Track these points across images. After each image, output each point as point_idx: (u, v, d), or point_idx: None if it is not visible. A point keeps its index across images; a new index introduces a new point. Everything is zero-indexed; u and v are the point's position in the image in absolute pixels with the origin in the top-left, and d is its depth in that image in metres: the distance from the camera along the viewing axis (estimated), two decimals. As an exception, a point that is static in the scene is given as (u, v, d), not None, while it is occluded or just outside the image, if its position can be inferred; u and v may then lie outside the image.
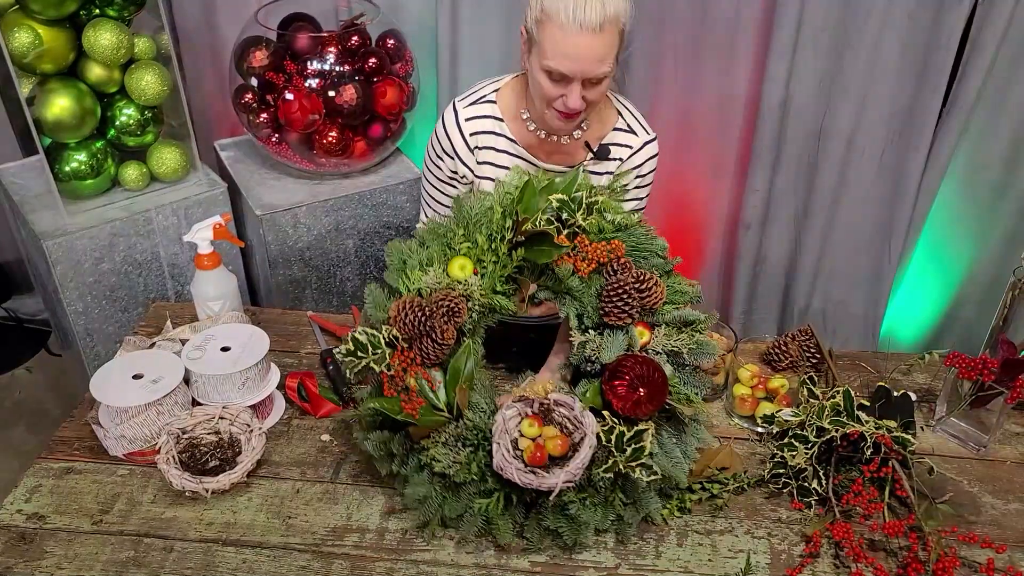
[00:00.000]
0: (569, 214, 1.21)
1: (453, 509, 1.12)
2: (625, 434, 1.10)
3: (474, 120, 1.41)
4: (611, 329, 1.18)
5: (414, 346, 1.14)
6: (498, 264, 1.19)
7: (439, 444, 1.12)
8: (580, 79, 1.24)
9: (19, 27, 1.59)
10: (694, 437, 1.18)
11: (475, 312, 1.18)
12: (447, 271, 1.19)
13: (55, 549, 1.12)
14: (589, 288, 1.20)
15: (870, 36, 1.92)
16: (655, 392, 1.12)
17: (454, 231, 1.22)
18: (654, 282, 1.18)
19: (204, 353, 1.32)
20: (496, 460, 1.08)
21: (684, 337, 1.18)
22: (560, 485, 1.06)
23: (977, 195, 2.13)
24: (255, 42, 1.86)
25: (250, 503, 1.20)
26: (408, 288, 1.18)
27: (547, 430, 1.13)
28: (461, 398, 1.14)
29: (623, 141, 1.42)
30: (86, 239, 1.75)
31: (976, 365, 1.22)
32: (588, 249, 1.20)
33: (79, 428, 1.32)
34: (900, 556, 1.12)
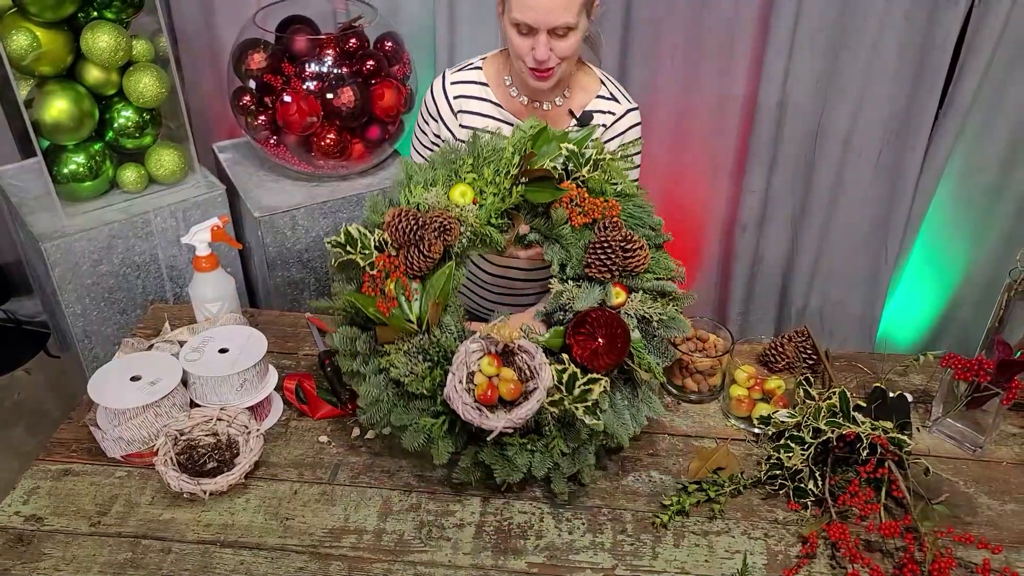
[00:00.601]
0: (575, 166, 1.25)
1: (400, 418, 1.15)
2: (578, 377, 1.12)
3: (459, 84, 1.47)
4: (590, 282, 1.21)
5: (401, 254, 1.18)
6: (498, 196, 1.23)
7: (401, 352, 1.15)
8: (545, 29, 1.29)
9: (17, 29, 1.60)
10: (647, 405, 1.21)
11: (466, 237, 1.21)
12: (448, 194, 1.23)
13: (53, 551, 1.13)
14: (578, 240, 1.24)
15: (867, 37, 1.93)
16: (614, 346, 1.13)
17: (464, 160, 1.26)
18: (640, 245, 1.21)
19: (202, 355, 1.32)
20: (447, 389, 1.11)
21: (658, 306, 1.21)
22: (499, 429, 1.09)
23: (973, 196, 2.13)
24: (253, 44, 1.86)
25: (248, 504, 1.20)
26: (408, 201, 1.23)
27: (505, 372, 1.14)
28: (432, 312, 1.16)
29: (605, 108, 1.46)
30: (84, 241, 1.75)
31: (972, 366, 1.23)
32: (586, 202, 1.24)
33: (77, 430, 1.32)
34: (896, 557, 1.13)
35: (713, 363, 1.37)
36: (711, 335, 1.44)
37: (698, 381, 1.39)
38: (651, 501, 1.22)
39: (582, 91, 1.46)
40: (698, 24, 1.99)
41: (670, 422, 1.36)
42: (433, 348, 1.16)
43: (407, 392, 1.15)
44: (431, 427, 1.13)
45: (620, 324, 1.15)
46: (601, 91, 1.47)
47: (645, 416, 1.21)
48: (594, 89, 1.47)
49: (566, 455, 1.15)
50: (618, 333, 1.14)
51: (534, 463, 1.13)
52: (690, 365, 1.38)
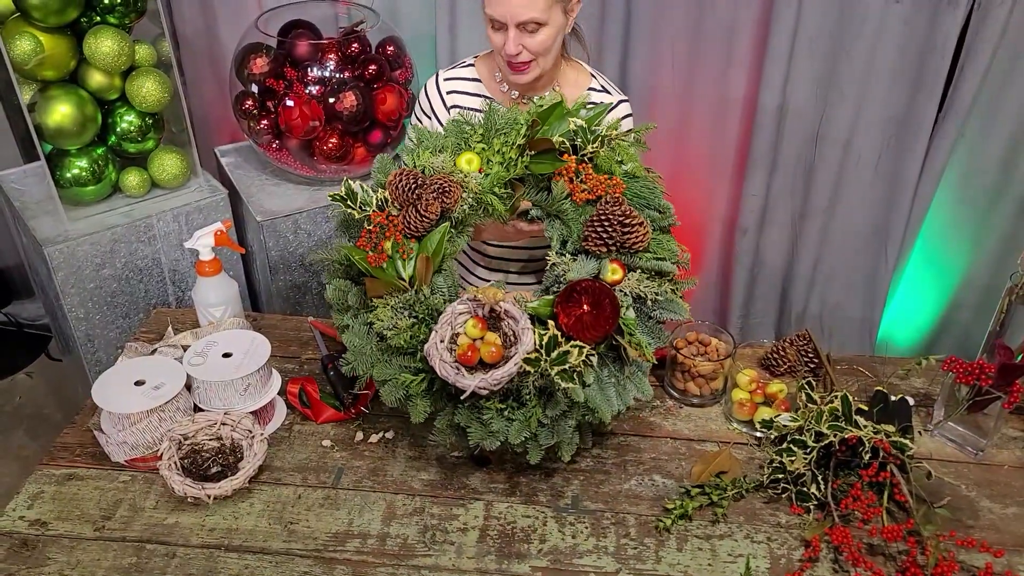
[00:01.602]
0: (583, 141, 1.25)
1: (382, 372, 1.15)
2: (559, 342, 1.11)
3: (452, 80, 1.51)
4: (587, 256, 1.21)
5: (401, 213, 1.19)
6: (503, 166, 1.24)
7: (388, 307, 1.15)
8: (513, 24, 1.31)
9: (20, 34, 1.60)
10: (634, 385, 1.19)
11: (467, 204, 1.22)
12: (455, 161, 1.24)
13: (58, 556, 1.13)
14: (580, 217, 1.23)
15: (866, 41, 1.94)
16: (600, 316, 1.11)
17: (475, 130, 1.27)
18: (639, 222, 1.19)
19: (206, 359, 1.32)
20: (428, 345, 1.11)
21: (654, 285, 1.19)
22: (472, 388, 1.08)
23: (973, 199, 2.14)
24: (255, 49, 1.87)
25: (252, 509, 1.20)
26: (415, 164, 1.24)
27: (489, 335, 1.14)
28: (422, 267, 1.16)
29: (596, 99, 1.47)
30: (87, 245, 1.76)
31: (974, 370, 1.23)
32: (590, 179, 1.23)
33: (81, 434, 1.32)
34: (899, 560, 1.13)
35: (715, 367, 1.38)
36: (713, 339, 1.44)
37: (700, 385, 1.39)
38: (654, 505, 1.22)
39: (573, 85, 1.49)
40: (698, 28, 2.00)
41: (672, 426, 1.37)
42: (420, 306, 1.16)
43: (391, 347, 1.15)
44: (410, 383, 1.13)
45: (609, 295, 1.13)
46: (592, 83, 1.49)
47: (632, 396, 1.19)
48: (584, 83, 1.49)
49: (544, 426, 1.13)
50: (605, 303, 1.12)
51: (511, 430, 1.12)
52: (692, 369, 1.39)
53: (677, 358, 1.39)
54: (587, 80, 1.50)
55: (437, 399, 1.15)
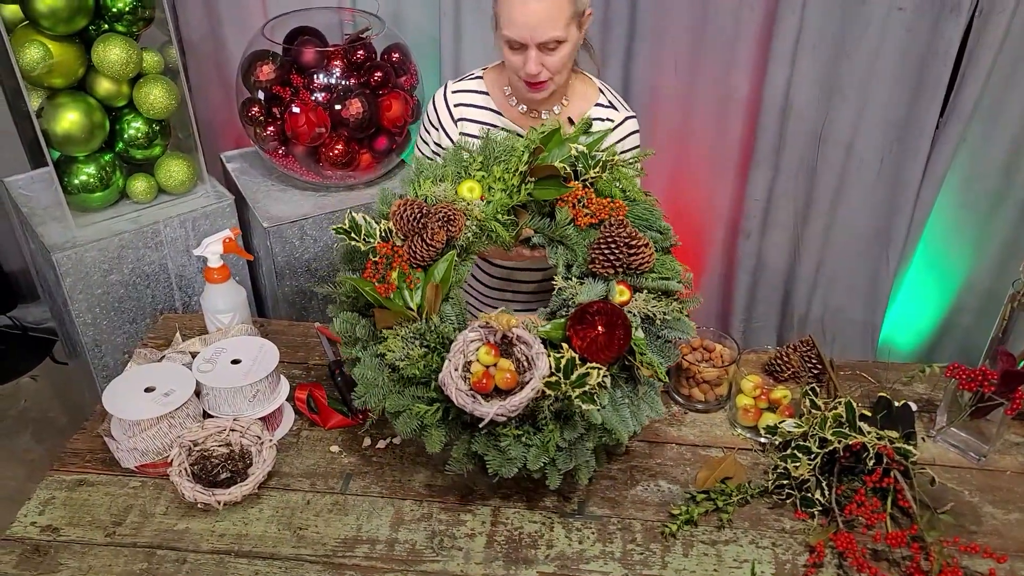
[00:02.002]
0: (584, 167, 1.27)
1: (395, 404, 1.14)
2: (576, 364, 1.11)
3: (460, 93, 1.51)
4: (593, 278, 1.22)
5: (406, 244, 1.19)
6: (505, 193, 1.25)
7: (398, 337, 1.15)
8: (533, 45, 1.31)
9: (29, 42, 1.61)
10: (648, 405, 1.19)
11: (471, 231, 1.23)
12: (456, 189, 1.25)
13: (69, 561, 1.14)
14: (583, 241, 1.24)
15: (869, 46, 1.95)
16: (614, 336, 1.12)
17: (475, 158, 1.28)
18: (644, 243, 1.21)
19: (215, 366, 1.33)
20: (442, 375, 1.10)
21: (662, 305, 1.20)
22: (491, 415, 1.07)
23: (975, 204, 2.15)
24: (262, 56, 1.88)
25: (261, 514, 1.21)
26: (416, 194, 1.25)
27: (502, 362, 1.14)
28: (431, 295, 1.16)
29: (604, 116, 1.48)
30: (95, 251, 1.77)
31: (976, 376, 1.24)
32: (593, 203, 1.25)
33: (91, 440, 1.33)
34: (903, 566, 1.14)
35: (720, 373, 1.39)
36: (717, 345, 1.45)
37: (704, 391, 1.40)
38: (660, 510, 1.23)
39: (581, 99, 1.49)
40: (701, 31, 2.01)
41: (677, 432, 1.38)
42: (431, 334, 1.15)
43: (403, 378, 1.15)
44: (424, 414, 1.12)
45: (621, 315, 1.14)
46: (599, 99, 1.49)
47: (646, 416, 1.19)
48: (592, 97, 1.49)
49: (562, 450, 1.13)
50: (618, 323, 1.13)
51: (529, 457, 1.11)
52: (697, 375, 1.40)
53: (682, 364, 1.40)
54: (595, 95, 1.50)
55: (452, 428, 1.14)
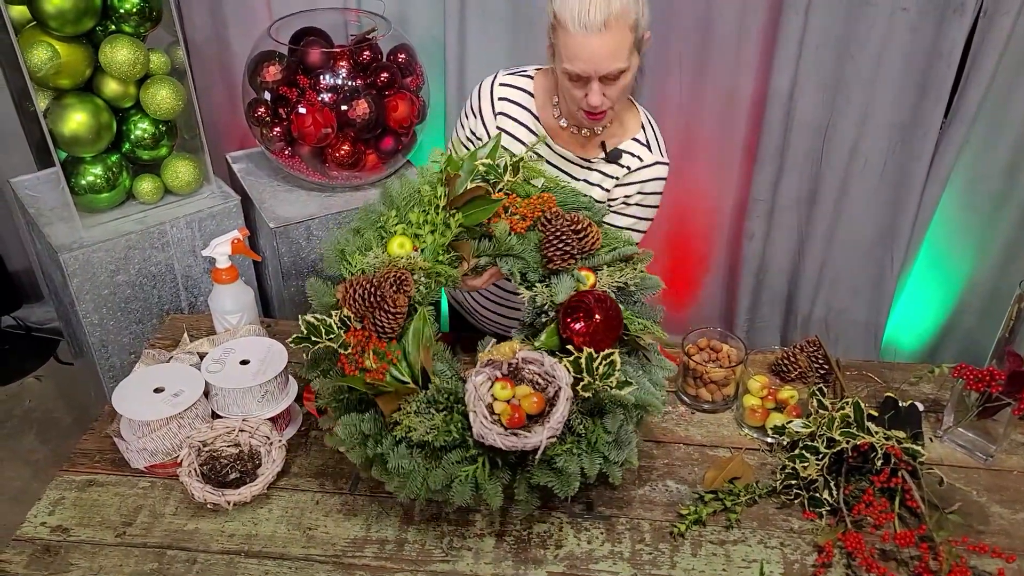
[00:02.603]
0: (496, 176, 1.27)
1: (437, 480, 1.09)
2: (594, 357, 1.10)
3: (507, 87, 1.47)
4: (557, 275, 1.22)
5: (366, 323, 1.14)
6: (436, 233, 1.22)
7: (411, 414, 1.11)
8: (596, 77, 1.28)
9: (37, 43, 1.61)
10: (659, 367, 1.20)
11: (422, 284, 1.20)
12: (387, 251, 1.21)
13: (80, 561, 1.14)
14: (528, 244, 1.23)
15: (873, 48, 1.95)
16: (611, 318, 1.13)
17: (386, 215, 1.24)
18: (588, 223, 1.22)
19: (224, 366, 1.34)
20: (476, 429, 1.07)
21: (628, 271, 1.22)
22: (544, 442, 1.06)
23: (978, 205, 2.15)
24: (268, 57, 1.88)
25: (271, 515, 1.22)
26: (351, 272, 1.20)
27: (520, 389, 1.12)
28: (425, 357, 1.13)
29: (636, 152, 1.45)
30: (102, 252, 1.77)
31: (984, 377, 1.25)
32: (520, 206, 1.24)
33: (100, 440, 1.34)
34: (911, 565, 1.14)
35: (727, 373, 1.39)
36: (724, 345, 1.46)
37: (712, 391, 1.41)
38: (668, 510, 1.23)
39: (621, 127, 1.45)
40: (705, 34, 2.01)
41: (684, 432, 1.38)
42: (440, 396, 1.13)
43: (435, 450, 1.11)
44: (474, 473, 1.09)
45: (606, 296, 1.15)
46: (638, 134, 1.45)
47: (662, 377, 1.20)
48: (632, 130, 1.45)
49: (610, 443, 1.11)
50: (609, 305, 1.14)
51: (585, 465, 1.09)
52: (704, 375, 1.40)
53: (689, 364, 1.41)
54: (636, 128, 1.45)
55: (503, 474, 1.11)
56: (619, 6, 1.24)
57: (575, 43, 1.25)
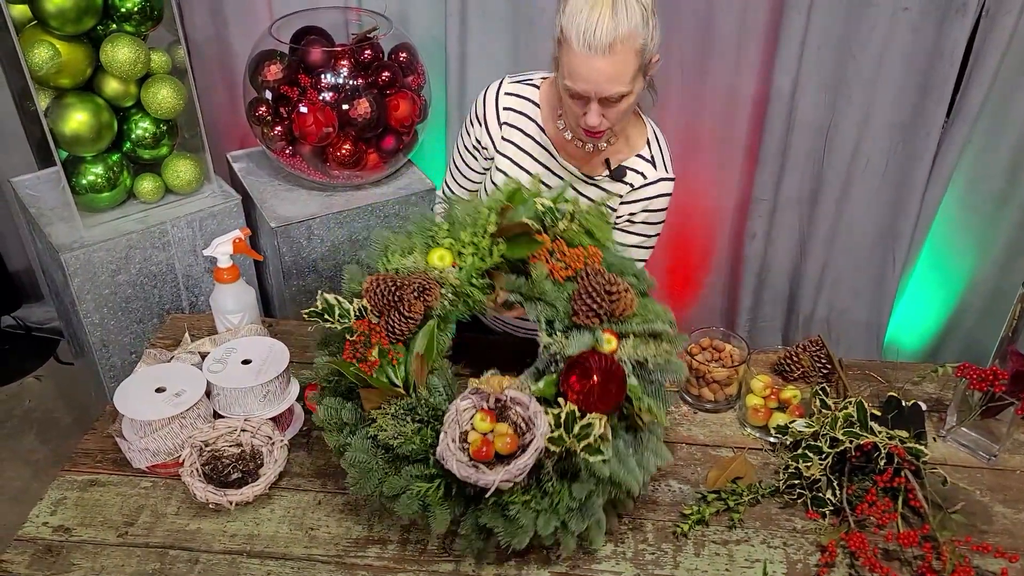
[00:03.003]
0: (552, 220, 1.24)
1: (393, 487, 1.09)
2: (577, 417, 1.07)
3: (512, 97, 1.44)
4: (580, 330, 1.18)
5: (382, 320, 1.15)
6: (477, 256, 1.21)
7: (388, 416, 1.11)
8: (596, 99, 1.25)
9: (38, 42, 1.61)
10: (653, 453, 1.14)
11: (447, 299, 1.19)
12: (427, 259, 1.22)
13: (82, 561, 1.14)
14: (561, 294, 1.20)
15: (875, 48, 1.95)
16: (610, 383, 1.08)
17: (440, 227, 1.25)
18: (624, 288, 1.18)
19: (225, 366, 1.34)
20: (440, 448, 1.06)
21: (651, 348, 1.17)
22: (496, 483, 1.03)
23: (980, 205, 2.15)
24: (269, 56, 1.88)
25: (272, 515, 1.21)
26: (386, 268, 1.21)
27: (499, 427, 1.10)
28: (417, 367, 1.12)
29: (640, 168, 1.42)
30: (103, 251, 1.77)
31: (987, 376, 1.25)
32: (565, 254, 1.22)
33: (101, 440, 1.33)
34: (914, 565, 1.14)
35: (729, 373, 1.39)
36: (727, 344, 1.46)
37: (714, 391, 1.41)
38: (671, 511, 1.23)
39: (627, 144, 1.42)
40: (707, 34, 2.01)
41: (687, 431, 1.38)
42: (422, 408, 1.12)
43: (398, 457, 1.10)
44: (426, 491, 1.07)
45: (613, 363, 1.11)
46: (643, 151, 1.42)
47: (653, 465, 1.14)
48: (637, 146, 1.42)
49: (573, 510, 1.08)
50: (613, 370, 1.09)
51: (539, 522, 1.06)
52: (707, 375, 1.40)
53: (691, 364, 1.40)
54: (641, 144, 1.42)
55: (456, 503, 1.09)
56: (627, 29, 1.20)
57: (577, 62, 1.22)
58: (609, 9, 1.19)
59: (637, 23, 1.21)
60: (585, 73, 1.23)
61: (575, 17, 1.20)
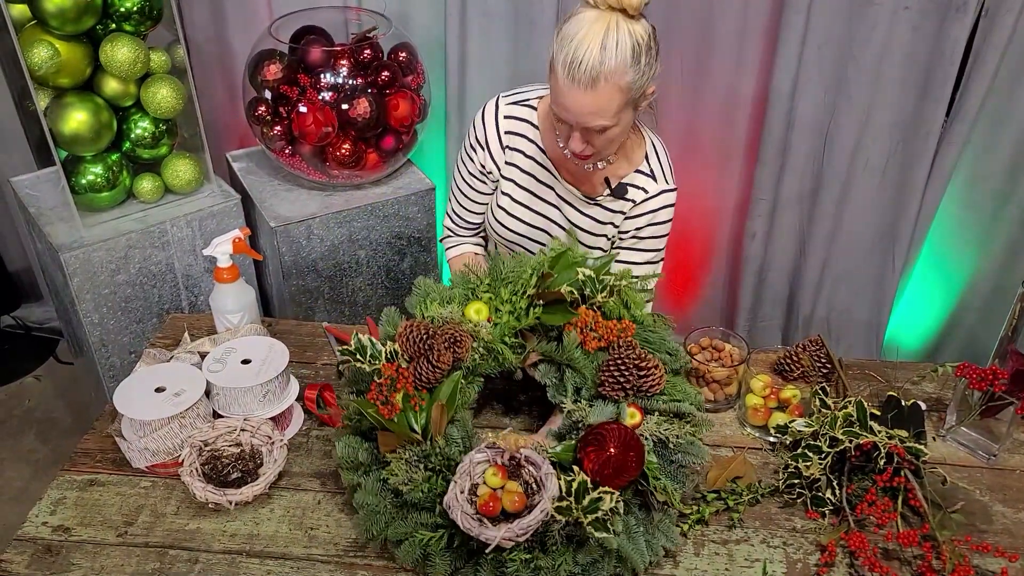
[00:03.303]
0: (592, 291, 1.24)
1: (397, 532, 1.09)
2: (588, 489, 1.06)
3: (511, 120, 1.42)
4: (603, 400, 1.18)
5: (411, 365, 1.17)
6: (513, 315, 1.23)
7: (402, 460, 1.11)
8: (578, 128, 1.24)
9: (37, 42, 1.61)
10: (663, 534, 1.13)
11: (478, 354, 1.20)
12: (463, 311, 1.23)
13: (81, 561, 1.14)
14: (590, 363, 1.21)
15: (875, 47, 1.95)
16: (626, 458, 1.08)
17: (482, 280, 1.26)
18: (655, 364, 1.18)
19: (225, 366, 1.33)
20: (447, 497, 1.06)
21: (675, 428, 1.17)
22: (497, 540, 1.02)
23: (979, 204, 2.15)
24: (269, 55, 1.88)
25: (272, 514, 1.21)
26: (423, 315, 1.24)
27: (510, 484, 1.10)
28: (436, 416, 1.13)
29: (640, 184, 1.41)
30: (103, 251, 1.77)
31: (987, 376, 1.24)
32: (600, 326, 1.22)
33: (101, 440, 1.33)
34: (914, 565, 1.14)
35: (729, 373, 1.39)
36: (726, 344, 1.46)
37: (714, 391, 1.40)
38: (670, 510, 1.23)
39: (626, 160, 1.40)
40: (707, 35, 2.01)
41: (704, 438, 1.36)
42: (436, 457, 1.12)
43: (406, 504, 1.11)
44: (428, 541, 1.07)
45: (633, 437, 1.10)
46: (643, 165, 1.41)
47: (662, 546, 1.12)
48: (637, 161, 1.41)
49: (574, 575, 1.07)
50: (631, 444, 1.08)
51: None
52: (706, 375, 1.40)
53: (691, 364, 1.40)
54: (640, 159, 1.41)
55: (457, 557, 1.08)
56: (613, 66, 1.16)
57: (561, 90, 1.20)
58: (598, 42, 1.15)
59: (625, 59, 1.18)
60: (567, 103, 1.21)
61: (564, 44, 1.18)
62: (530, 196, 1.46)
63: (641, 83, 1.22)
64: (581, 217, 1.45)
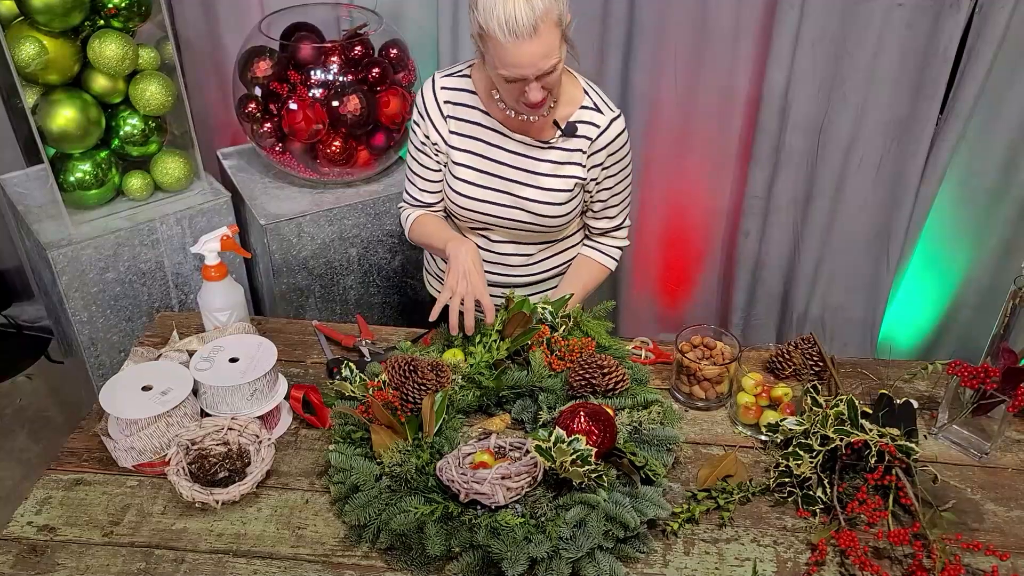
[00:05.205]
0: (553, 322, 1.44)
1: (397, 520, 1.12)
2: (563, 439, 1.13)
3: (449, 91, 1.50)
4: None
5: (398, 392, 1.26)
6: (486, 350, 1.38)
7: (394, 451, 1.19)
8: (534, 77, 1.30)
9: (25, 38, 1.60)
10: (651, 502, 1.14)
11: (457, 384, 1.33)
12: (442, 356, 1.40)
13: (67, 561, 1.13)
14: (559, 380, 1.34)
15: (868, 44, 1.94)
16: (597, 420, 1.17)
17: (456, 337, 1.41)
18: (616, 366, 1.31)
19: (212, 364, 1.32)
20: (440, 463, 1.16)
21: (644, 414, 1.27)
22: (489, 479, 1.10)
23: (974, 201, 2.15)
24: (259, 52, 1.87)
25: (259, 514, 1.20)
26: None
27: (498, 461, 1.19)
28: (427, 411, 1.22)
29: (590, 119, 1.47)
30: (91, 249, 1.76)
31: (978, 374, 1.24)
32: (560, 344, 1.39)
33: (87, 439, 1.32)
34: (905, 564, 1.14)
35: (720, 371, 1.38)
36: (718, 342, 1.45)
37: (705, 388, 1.40)
38: (661, 509, 1.22)
39: (567, 102, 1.47)
40: (701, 32, 2.00)
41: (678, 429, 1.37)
42: (425, 447, 1.21)
43: (402, 488, 1.16)
44: (422, 513, 1.11)
45: (603, 410, 1.20)
46: (584, 101, 1.48)
47: (652, 513, 1.14)
48: (578, 99, 1.48)
49: (566, 539, 1.09)
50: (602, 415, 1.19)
51: (532, 546, 1.07)
52: (698, 372, 1.39)
53: (683, 362, 1.40)
54: (580, 96, 1.48)
55: (453, 535, 1.11)
56: (543, 7, 1.25)
57: (508, 52, 1.27)
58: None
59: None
60: (518, 59, 1.28)
61: (492, 11, 1.25)
62: (482, 159, 1.51)
63: (562, 9, 1.31)
64: (539, 163, 1.49)
